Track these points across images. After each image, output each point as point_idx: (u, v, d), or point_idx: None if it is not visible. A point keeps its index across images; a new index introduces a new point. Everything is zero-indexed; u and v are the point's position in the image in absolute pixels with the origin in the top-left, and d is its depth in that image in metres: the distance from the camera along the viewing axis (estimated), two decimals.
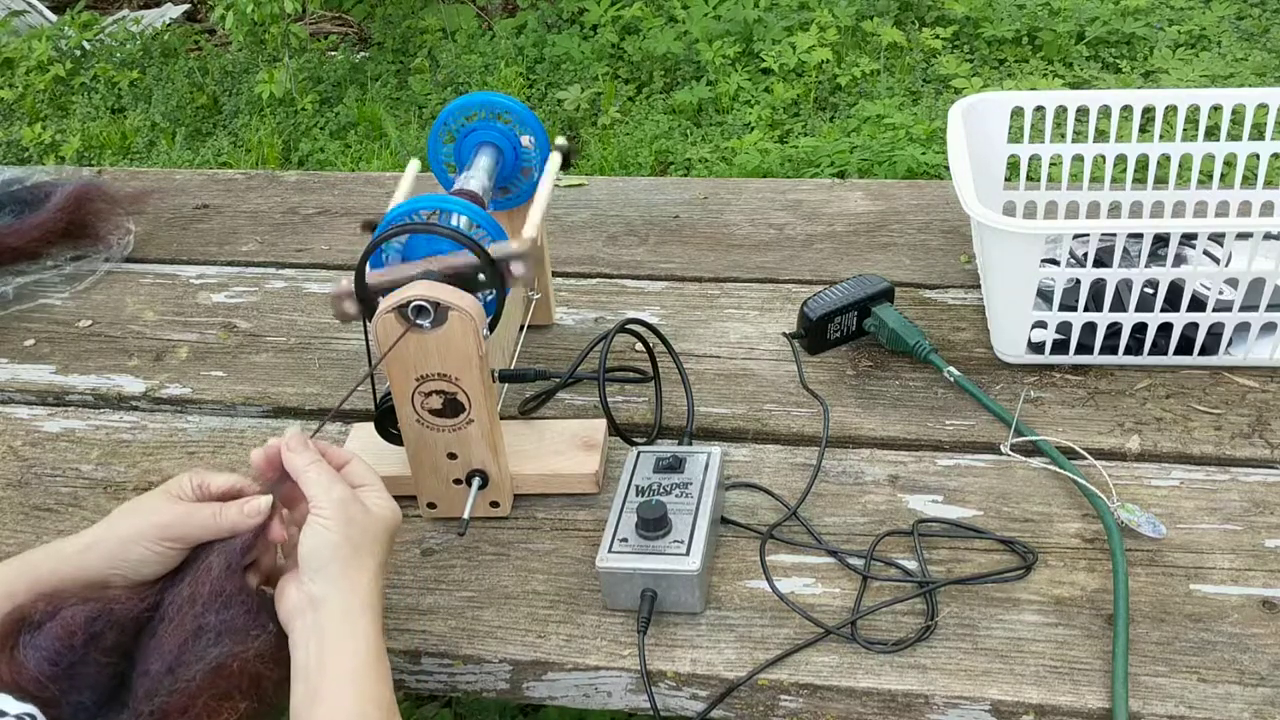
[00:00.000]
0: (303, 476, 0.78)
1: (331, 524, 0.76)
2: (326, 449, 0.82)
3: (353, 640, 0.75)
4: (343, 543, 0.76)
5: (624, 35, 3.63)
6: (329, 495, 0.77)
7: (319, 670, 0.74)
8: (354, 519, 0.77)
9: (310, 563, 0.76)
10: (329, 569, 0.75)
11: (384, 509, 0.80)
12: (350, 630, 0.75)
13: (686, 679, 0.83)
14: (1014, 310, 1.05)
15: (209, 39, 4.21)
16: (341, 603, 0.75)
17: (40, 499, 1.04)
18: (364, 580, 0.76)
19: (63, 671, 0.71)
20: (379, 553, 0.79)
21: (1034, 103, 1.19)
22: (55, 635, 0.72)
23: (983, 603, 0.86)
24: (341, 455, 0.83)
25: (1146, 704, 0.78)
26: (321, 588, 0.75)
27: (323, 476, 0.78)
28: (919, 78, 3.29)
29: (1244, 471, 0.96)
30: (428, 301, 0.84)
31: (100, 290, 1.35)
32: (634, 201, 1.44)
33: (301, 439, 0.80)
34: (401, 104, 3.51)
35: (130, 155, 3.48)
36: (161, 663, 0.73)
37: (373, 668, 0.74)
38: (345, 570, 0.76)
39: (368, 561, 0.77)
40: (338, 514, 0.76)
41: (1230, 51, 3.23)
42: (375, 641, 0.75)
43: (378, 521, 0.79)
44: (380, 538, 0.79)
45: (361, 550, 0.77)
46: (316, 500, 0.77)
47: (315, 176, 1.58)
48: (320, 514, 0.76)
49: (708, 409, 1.07)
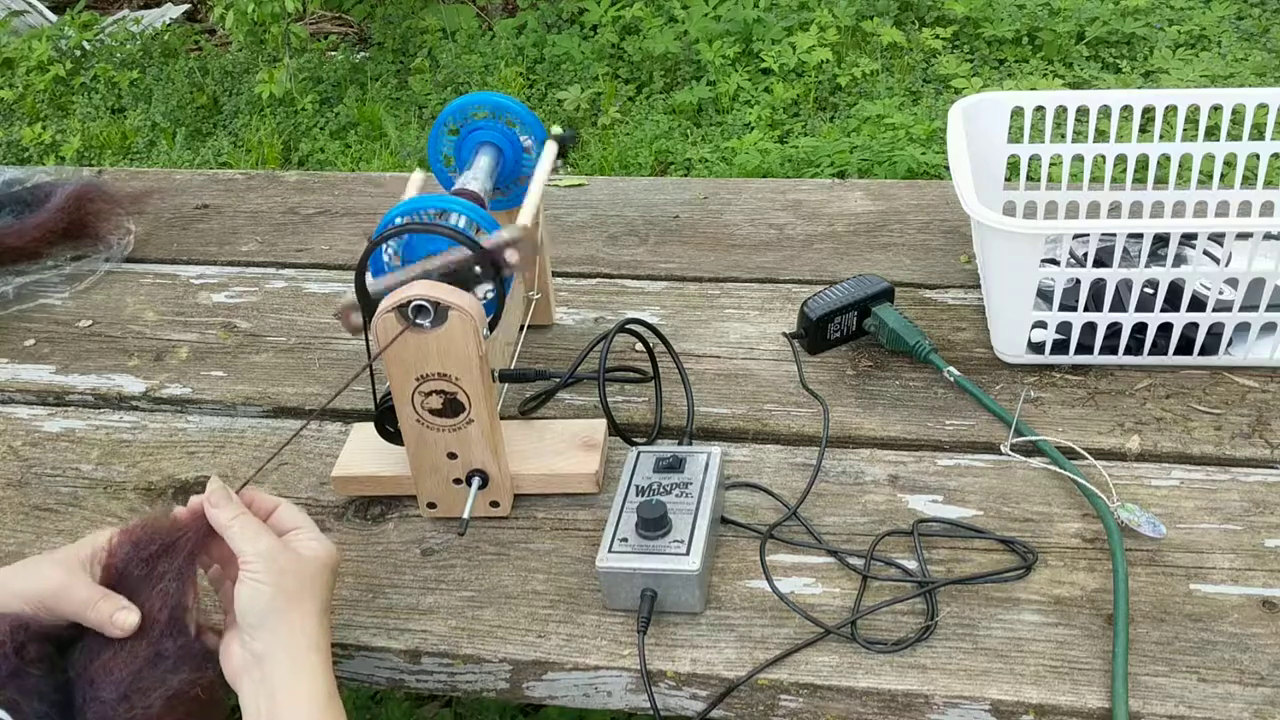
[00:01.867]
0: (227, 532, 0.77)
1: (262, 576, 0.75)
2: (253, 498, 0.82)
3: (302, 687, 0.74)
4: (277, 593, 0.75)
5: (624, 35, 3.63)
6: (255, 548, 0.76)
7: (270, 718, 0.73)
8: (285, 568, 0.76)
9: (248, 619, 0.75)
10: (267, 623, 0.75)
11: (316, 550, 0.79)
12: (297, 678, 0.74)
13: (686, 679, 0.83)
14: (1014, 310, 1.05)
15: (209, 39, 4.21)
16: (286, 654, 0.74)
17: (40, 499, 1.04)
18: (308, 625, 0.76)
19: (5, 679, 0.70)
20: (319, 594, 0.78)
21: (1034, 103, 1.19)
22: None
23: (983, 602, 0.86)
24: (268, 502, 0.82)
25: (1146, 704, 0.78)
26: (264, 643, 0.75)
27: (247, 530, 0.77)
28: (919, 78, 3.29)
29: (1244, 471, 0.96)
30: (428, 301, 0.84)
31: (100, 290, 1.35)
32: (634, 201, 1.44)
33: (224, 493, 0.79)
34: (401, 104, 3.51)
35: (130, 155, 3.48)
36: (115, 690, 0.72)
37: (324, 713, 0.74)
38: (284, 619, 0.75)
39: (308, 606, 0.76)
40: (267, 567, 0.76)
41: (1230, 51, 3.23)
42: (325, 685, 0.75)
43: (310, 564, 0.78)
44: (317, 578, 0.78)
45: (299, 597, 0.76)
46: (244, 555, 0.76)
47: (315, 176, 1.58)
48: (249, 569, 0.76)
49: (708, 409, 1.07)
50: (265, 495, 0.83)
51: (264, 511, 0.81)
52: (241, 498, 0.80)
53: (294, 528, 0.81)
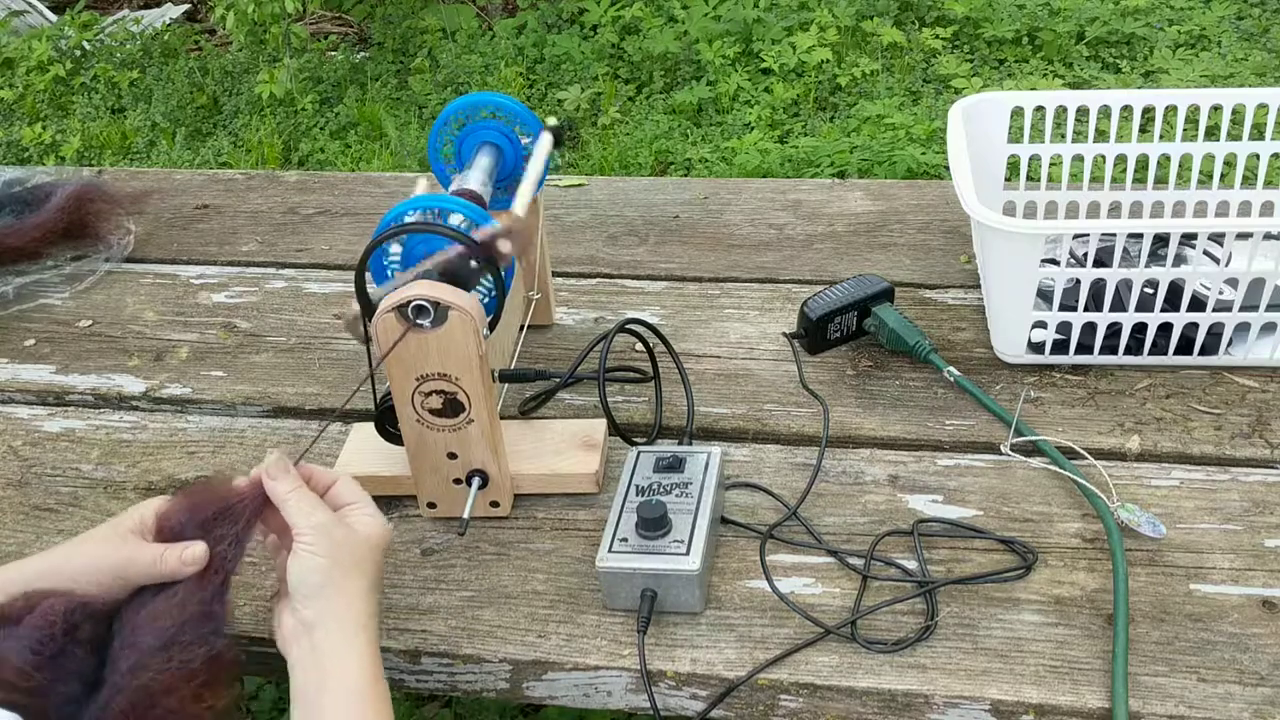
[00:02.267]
0: (284, 505, 0.78)
1: (316, 549, 0.76)
2: (312, 472, 0.82)
3: (350, 661, 0.75)
4: (330, 566, 0.76)
5: (624, 35, 3.63)
6: (309, 521, 0.77)
7: (318, 693, 0.74)
8: (338, 542, 0.77)
9: (300, 590, 0.76)
10: (319, 594, 0.76)
11: (371, 527, 0.80)
12: (347, 651, 0.75)
13: (686, 679, 0.83)
14: (1014, 310, 1.05)
15: (209, 39, 4.21)
16: (336, 625, 0.75)
17: (40, 499, 1.04)
18: (356, 601, 0.76)
19: (46, 661, 0.71)
20: (369, 571, 0.78)
21: (1034, 103, 1.19)
22: (35, 625, 0.72)
23: (983, 602, 0.86)
24: (327, 476, 0.83)
25: (1146, 704, 0.78)
26: (314, 612, 0.75)
27: (303, 503, 0.78)
28: (919, 78, 3.29)
29: (1244, 471, 0.96)
30: (428, 301, 0.84)
31: (100, 290, 1.35)
32: (634, 201, 1.44)
33: (282, 465, 0.80)
34: (401, 104, 3.51)
35: (130, 155, 3.48)
36: (157, 638, 0.73)
37: (371, 688, 0.74)
38: (336, 592, 0.76)
39: (358, 581, 0.77)
40: (320, 539, 0.76)
41: (1230, 51, 3.23)
42: (372, 661, 0.75)
43: (364, 541, 0.79)
44: (369, 556, 0.79)
45: (350, 571, 0.77)
46: (298, 527, 0.77)
47: (315, 176, 1.58)
48: (303, 540, 0.76)
49: (708, 409, 1.07)
50: (324, 470, 0.83)
51: (322, 486, 0.82)
52: (300, 471, 0.81)
53: (350, 503, 0.81)
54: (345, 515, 0.80)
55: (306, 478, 0.81)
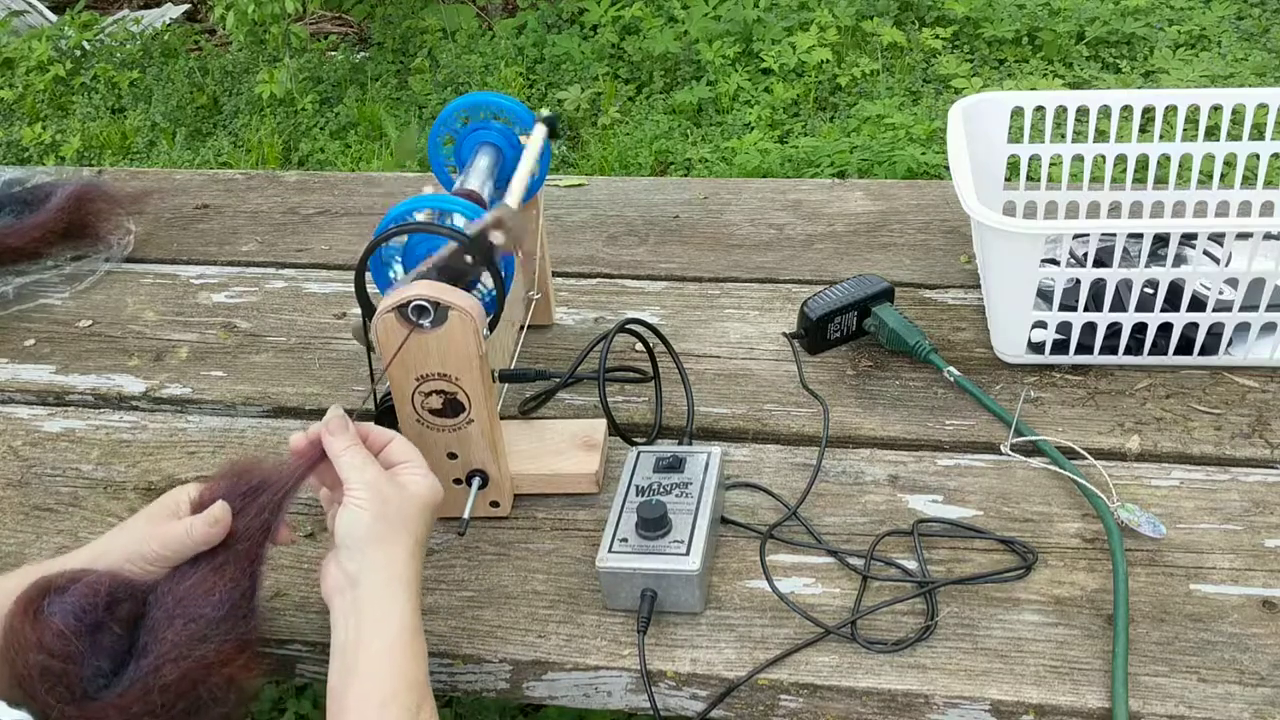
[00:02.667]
0: (338, 460, 0.80)
1: (364, 503, 0.77)
2: (369, 430, 0.84)
3: (391, 616, 0.76)
4: (376, 520, 0.77)
5: (624, 35, 3.63)
6: (361, 476, 0.79)
7: (355, 645, 0.75)
8: (388, 498, 0.78)
9: (345, 541, 0.77)
10: (364, 547, 0.77)
11: (421, 485, 0.81)
12: (387, 606, 0.76)
13: (686, 679, 0.83)
14: (1014, 310, 1.05)
15: (209, 39, 4.21)
16: (379, 579, 0.76)
17: (40, 499, 1.04)
18: (400, 556, 0.78)
19: (86, 629, 0.72)
20: (415, 529, 0.80)
21: (1034, 103, 1.19)
22: (80, 594, 0.73)
23: (983, 603, 0.86)
24: (383, 436, 0.84)
25: (1146, 704, 0.78)
26: (358, 565, 0.77)
27: (356, 459, 0.80)
28: (919, 78, 3.29)
29: (1244, 471, 0.96)
30: (428, 301, 0.84)
31: (100, 290, 1.35)
32: (634, 201, 1.44)
33: (342, 422, 0.82)
34: (401, 104, 3.51)
35: (130, 155, 3.48)
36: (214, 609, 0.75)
37: (409, 645, 0.75)
38: (381, 547, 0.77)
39: (404, 538, 0.78)
40: (369, 494, 0.78)
41: (1230, 51, 3.23)
42: (412, 618, 0.76)
43: (413, 499, 0.80)
44: (418, 514, 0.80)
45: (397, 527, 0.78)
46: (349, 482, 0.79)
47: (315, 176, 1.58)
48: (353, 494, 0.78)
49: (708, 409, 1.07)
50: (381, 429, 0.85)
51: (377, 445, 0.83)
52: (358, 430, 0.82)
53: (403, 461, 0.82)
54: (397, 474, 0.81)
55: (363, 436, 0.83)
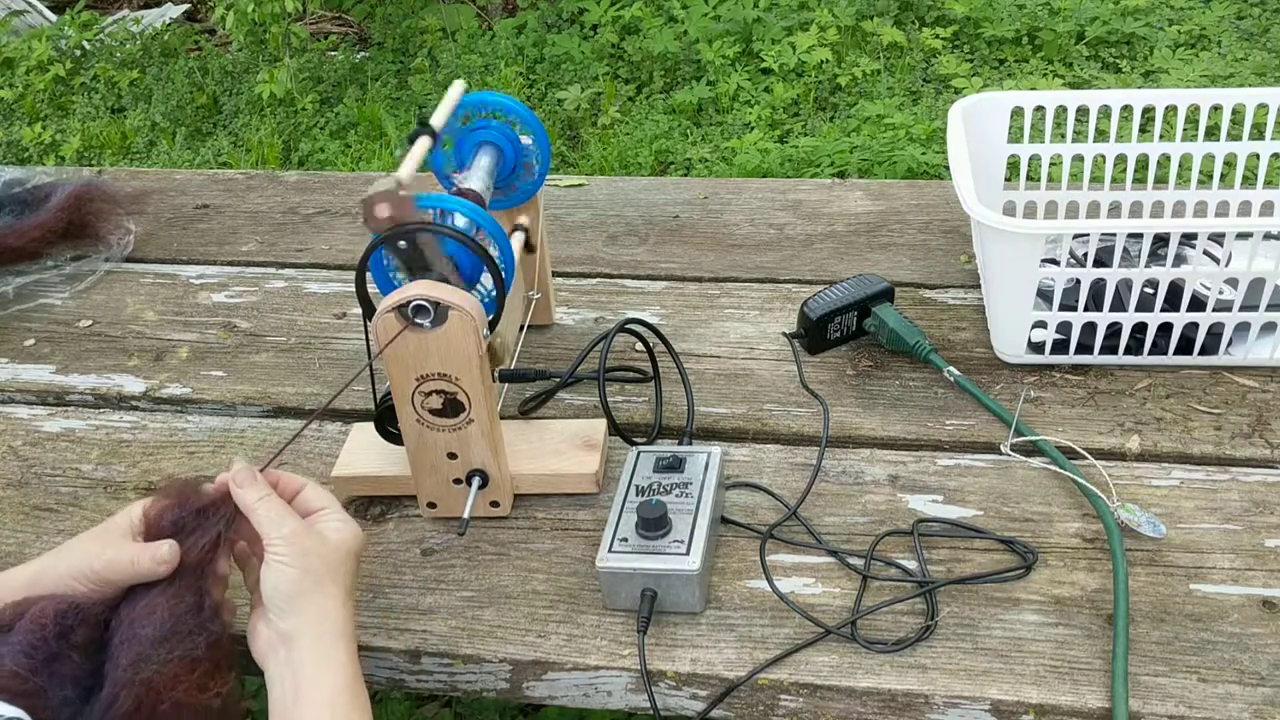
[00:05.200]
0: (253, 514, 0.78)
1: (287, 559, 0.76)
2: (279, 478, 0.82)
3: (328, 671, 0.74)
4: (302, 576, 0.75)
5: (624, 35, 3.63)
6: (279, 531, 0.77)
7: (295, 702, 0.73)
8: (309, 550, 0.77)
9: (274, 600, 0.75)
10: (294, 603, 0.75)
11: (342, 533, 0.80)
12: (324, 661, 0.74)
13: (686, 679, 0.83)
14: (1014, 310, 1.05)
15: (209, 39, 4.21)
16: (312, 635, 0.75)
17: (40, 499, 1.04)
18: (332, 608, 0.76)
19: (40, 664, 0.71)
20: (342, 579, 0.78)
21: (1034, 103, 1.19)
22: (27, 629, 0.72)
23: (983, 602, 0.86)
24: (294, 483, 0.82)
25: (1146, 704, 0.78)
26: (290, 623, 0.75)
27: (272, 512, 0.78)
28: (919, 78, 3.28)
29: (1244, 471, 0.96)
30: (427, 301, 0.84)
31: (100, 290, 1.35)
32: (634, 201, 1.44)
33: (249, 473, 0.79)
34: (401, 104, 3.51)
35: (130, 155, 3.48)
36: (157, 629, 0.73)
37: (349, 698, 0.74)
38: (310, 601, 0.75)
39: (332, 589, 0.77)
40: (291, 549, 0.76)
41: (1230, 51, 3.23)
42: (349, 668, 0.75)
43: (336, 548, 0.78)
44: (342, 563, 0.78)
45: (324, 579, 0.76)
46: (268, 537, 0.77)
47: (315, 176, 1.58)
48: (274, 551, 0.76)
49: (708, 409, 1.07)
50: (291, 475, 0.83)
51: (289, 492, 0.81)
52: (267, 478, 0.80)
53: (319, 509, 0.81)
54: (315, 522, 0.79)
55: (273, 483, 0.80)
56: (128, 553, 0.75)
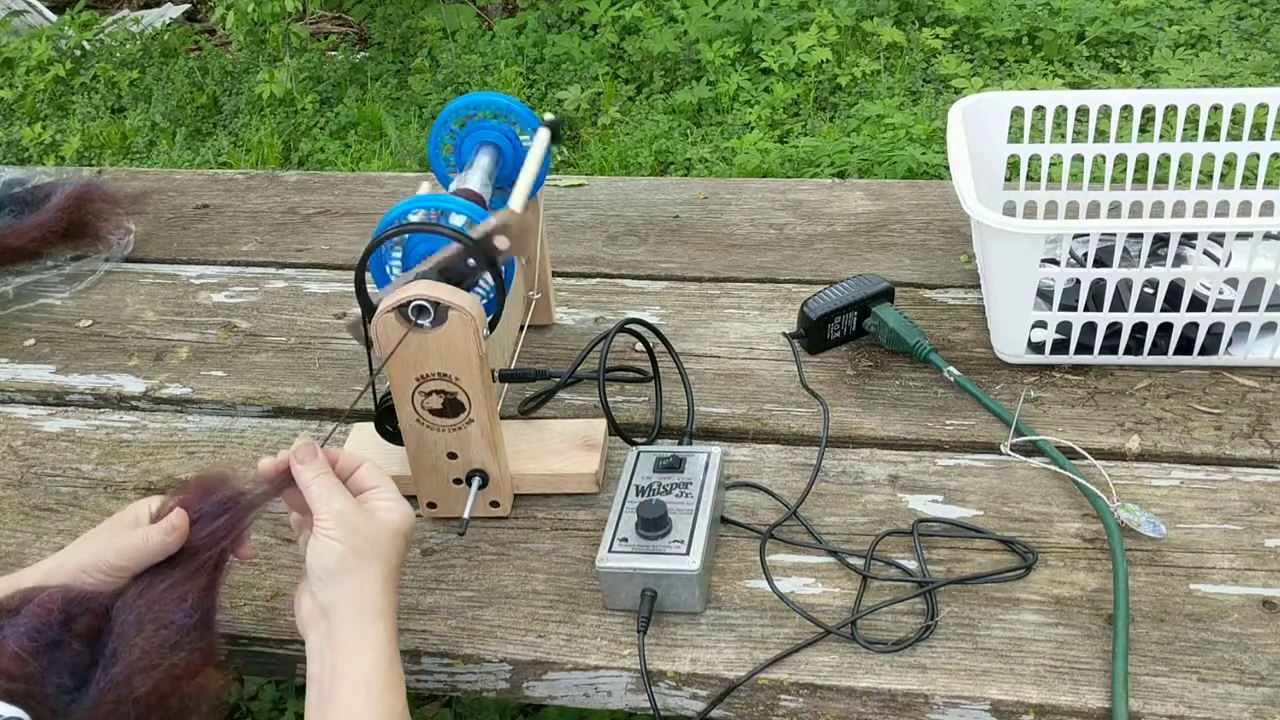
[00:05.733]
0: (307, 490, 0.79)
1: (334, 534, 0.77)
2: (337, 456, 0.83)
3: (366, 648, 0.75)
4: (347, 552, 0.76)
5: (624, 35, 3.63)
6: (329, 507, 0.78)
7: (332, 678, 0.74)
8: (357, 527, 0.78)
9: (317, 573, 0.77)
10: (337, 579, 0.76)
11: (392, 513, 0.80)
12: (362, 638, 0.75)
13: (686, 679, 0.83)
14: (1014, 310, 1.05)
15: (209, 39, 4.21)
16: (352, 610, 0.76)
17: (40, 499, 1.04)
18: (373, 586, 0.77)
19: (41, 649, 0.71)
20: (388, 557, 0.79)
21: (1034, 103, 1.19)
22: (33, 614, 0.72)
23: (983, 602, 0.86)
24: (352, 462, 0.83)
25: (1146, 704, 0.78)
26: (331, 596, 0.76)
27: (324, 489, 0.79)
28: (919, 78, 3.28)
29: (1244, 471, 0.96)
30: (428, 301, 0.84)
31: (100, 290, 1.35)
32: (634, 201, 1.44)
33: (310, 449, 0.81)
34: (401, 104, 3.51)
35: (130, 155, 3.48)
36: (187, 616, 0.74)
37: (385, 676, 0.75)
38: (353, 578, 0.76)
39: (376, 566, 0.77)
40: (339, 525, 0.77)
41: (1230, 51, 3.23)
42: (388, 650, 0.76)
43: (384, 526, 0.79)
44: (389, 541, 0.79)
45: (368, 557, 0.77)
46: (319, 513, 0.78)
47: (315, 176, 1.58)
48: (322, 526, 0.77)
49: (708, 409, 1.07)
50: (350, 454, 0.84)
51: (346, 471, 0.82)
52: (326, 456, 0.81)
53: (373, 487, 0.82)
54: (366, 501, 0.81)
55: (332, 462, 0.82)
56: (138, 534, 0.77)
